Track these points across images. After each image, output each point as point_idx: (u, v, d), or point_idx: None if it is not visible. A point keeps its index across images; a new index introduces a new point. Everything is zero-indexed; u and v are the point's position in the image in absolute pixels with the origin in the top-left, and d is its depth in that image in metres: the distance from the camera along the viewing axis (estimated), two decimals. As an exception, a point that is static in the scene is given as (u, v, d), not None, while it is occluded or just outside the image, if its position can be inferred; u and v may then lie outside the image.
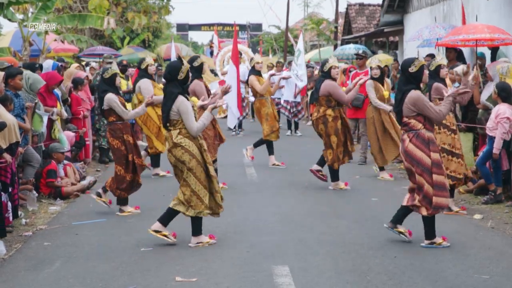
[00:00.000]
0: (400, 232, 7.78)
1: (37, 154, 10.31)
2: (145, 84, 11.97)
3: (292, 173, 12.63)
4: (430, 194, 7.51)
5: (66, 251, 7.61)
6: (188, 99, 7.58)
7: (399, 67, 16.44)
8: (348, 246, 7.63)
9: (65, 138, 11.77)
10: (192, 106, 7.57)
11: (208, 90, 10.92)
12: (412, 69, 7.64)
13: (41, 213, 9.70)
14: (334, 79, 11.02)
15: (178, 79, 7.57)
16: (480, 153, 10.40)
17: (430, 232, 7.64)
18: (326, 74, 10.99)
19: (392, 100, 11.56)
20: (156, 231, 7.72)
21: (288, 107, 19.49)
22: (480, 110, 11.09)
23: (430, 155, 7.52)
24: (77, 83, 13.56)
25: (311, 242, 7.85)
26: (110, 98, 9.36)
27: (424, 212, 7.56)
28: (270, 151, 13.43)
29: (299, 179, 11.92)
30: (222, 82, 20.38)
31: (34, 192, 10.22)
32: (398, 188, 11.00)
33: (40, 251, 7.65)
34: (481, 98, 10.94)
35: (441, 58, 9.15)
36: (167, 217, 7.75)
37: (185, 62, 7.67)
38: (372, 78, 12.20)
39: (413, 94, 7.58)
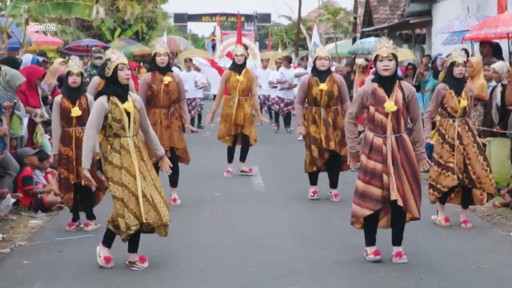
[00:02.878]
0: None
1: (15, 161, 10.34)
2: (92, 84, 11.91)
3: (303, 183, 12.63)
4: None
5: (48, 271, 7.62)
6: (108, 99, 7.46)
7: (429, 64, 16.48)
8: (368, 266, 7.63)
9: (49, 143, 11.80)
10: (125, 109, 7.48)
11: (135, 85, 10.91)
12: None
13: (20, 227, 9.72)
14: (321, 72, 11.04)
15: (106, 77, 7.60)
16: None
17: (365, 239, 7.87)
18: (313, 67, 11.14)
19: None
20: (130, 262, 7.70)
21: (283, 104, 19.58)
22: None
23: (361, 157, 7.72)
24: (63, 81, 13.57)
25: (326, 261, 7.85)
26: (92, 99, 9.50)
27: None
28: (243, 157, 13.49)
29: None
30: (213, 62, 20.43)
31: (9, 196, 10.16)
32: (425, 201, 10.96)
33: (18, 271, 7.66)
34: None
35: (457, 55, 9.19)
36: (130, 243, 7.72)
37: (113, 57, 7.57)
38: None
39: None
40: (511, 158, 11.26)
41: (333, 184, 11.36)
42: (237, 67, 13.19)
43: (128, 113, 7.47)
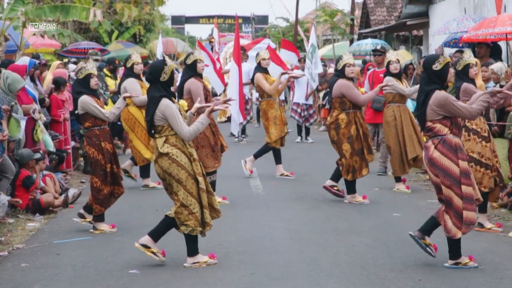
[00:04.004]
0: (427, 245, 7.74)
1: (12, 164, 10.33)
2: (130, 84, 12.06)
3: (302, 185, 12.63)
4: (460, 208, 7.49)
5: (46, 273, 7.61)
6: (174, 102, 7.63)
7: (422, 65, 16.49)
8: (367, 268, 7.63)
9: (50, 139, 11.76)
10: (179, 110, 7.61)
11: (207, 91, 10.94)
12: (437, 66, 7.65)
13: (18, 230, 9.71)
14: (350, 79, 11.04)
15: (161, 81, 7.64)
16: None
17: (455, 251, 7.62)
18: (340, 73, 11.03)
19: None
20: (145, 246, 7.74)
21: (299, 110, 19.49)
22: (511, 113, 11.09)
23: (459, 164, 7.52)
24: (59, 83, 13.59)
25: (325, 262, 7.85)
26: (84, 100, 9.39)
27: (459, 234, 7.52)
28: (278, 160, 13.45)
29: (311, 191, 11.91)
30: (215, 66, 20.41)
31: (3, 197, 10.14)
32: (423, 202, 10.99)
33: (17, 273, 7.65)
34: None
35: (470, 56, 9.18)
36: (160, 230, 7.79)
37: (169, 61, 7.70)
38: (389, 74, 12.19)
39: (438, 94, 7.58)
40: (509, 159, 11.26)
41: (337, 179, 11.35)
42: (266, 71, 13.38)
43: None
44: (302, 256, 8.13)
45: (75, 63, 17.69)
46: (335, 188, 11.29)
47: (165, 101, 7.57)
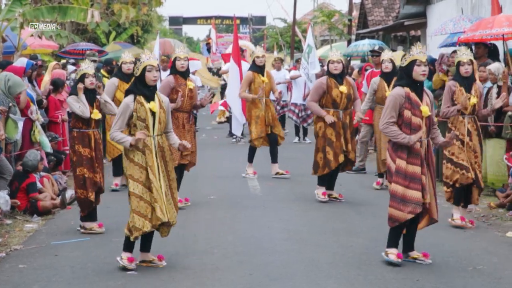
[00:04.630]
0: (415, 259, 7.81)
1: (10, 165, 10.32)
2: (107, 84, 12.03)
3: (300, 185, 12.62)
4: (390, 203, 7.73)
5: (44, 274, 7.60)
6: (135, 99, 7.54)
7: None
8: (365, 268, 7.63)
9: (48, 141, 11.74)
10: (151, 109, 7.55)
11: (190, 90, 10.84)
12: (403, 63, 7.72)
13: (16, 231, 9.70)
14: (334, 76, 11.06)
15: (135, 76, 7.69)
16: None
17: (388, 239, 7.80)
18: (327, 71, 11.23)
19: None
20: (144, 261, 7.78)
21: (296, 110, 19.50)
22: (508, 113, 11.10)
23: (395, 161, 7.63)
24: (57, 85, 13.57)
25: (323, 263, 7.84)
26: (69, 100, 9.43)
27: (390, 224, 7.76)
28: (250, 159, 13.51)
29: (309, 191, 11.90)
30: (224, 104, 20.40)
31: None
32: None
33: (15, 275, 7.64)
34: (510, 99, 10.98)
35: (462, 54, 9.29)
36: (143, 240, 7.79)
37: (145, 58, 7.63)
38: (382, 73, 12.26)
39: (392, 91, 7.75)
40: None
41: (332, 186, 11.38)
42: (259, 69, 13.31)
43: (153, 113, 7.56)
44: (301, 256, 8.12)
45: (74, 64, 17.66)
46: (332, 196, 11.35)
47: (126, 97, 7.62)
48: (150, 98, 7.60)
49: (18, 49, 16.54)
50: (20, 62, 13.23)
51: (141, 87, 7.61)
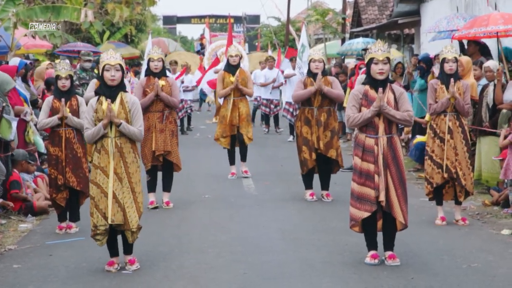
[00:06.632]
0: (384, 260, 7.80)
1: (3, 165, 10.29)
2: (90, 84, 12.02)
3: (295, 185, 12.62)
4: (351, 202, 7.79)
5: (39, 274, 7.59)
6: (99, 98, 7.52)
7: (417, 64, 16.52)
8: (360, 267, 7.63)
9: (42, 141, 11.72)
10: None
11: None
12: (365, 61, 7.75)
13: (10, 231, 9.69)
14: (315, 74, 11.04)
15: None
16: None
17: (366, 243, 7.83)
18: (308, 69, 11.23)
19: None
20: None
21: (291, 109, 19.47)
22: (503, 111, 11.11)
23: (354, 159, 7.69)
24: (50, 84, 13.55)
25: (318, 262, 7.85)
26: (45, 101, 9.51)
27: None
28: (243, 157, 13.47)
29: (303, 190, 11.91)
30: (210, 83, 20.38)
31: None
32: (416, 201, 10.98)
33: (9, 275, 7.63)
34: (504, 96, 10.99)
35: (447, 51, 9.29)
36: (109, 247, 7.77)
37: (105, 58, 7.52)
38: None
39: (353, 89, 7.89)
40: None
41: (325, 186, 11.38)
42: (231, 68, 13.11)
43: None
44: (296, 256, 8.12)
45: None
46: (327, 197, 11.39)
47: (92, 98, 7.63)
48: (112, 98, 7.45)
49: (12, 49, 16.51)
50: (13, 62, 13.23)
51: (103, 87, 7.53)
